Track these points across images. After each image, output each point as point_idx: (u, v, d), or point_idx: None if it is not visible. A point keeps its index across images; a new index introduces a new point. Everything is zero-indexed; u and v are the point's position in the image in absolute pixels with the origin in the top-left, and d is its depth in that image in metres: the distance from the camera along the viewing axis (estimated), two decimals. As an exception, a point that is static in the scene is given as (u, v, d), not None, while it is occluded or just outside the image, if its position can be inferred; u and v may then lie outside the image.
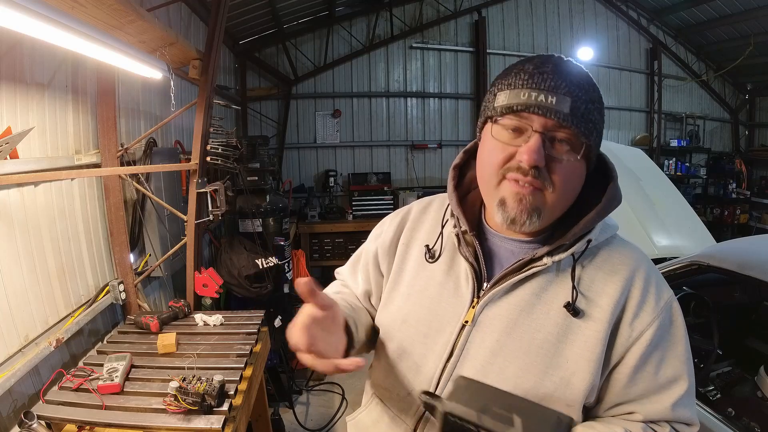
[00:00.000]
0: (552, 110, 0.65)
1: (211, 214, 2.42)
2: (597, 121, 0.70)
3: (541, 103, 0.65)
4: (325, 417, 2.97)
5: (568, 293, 0.72)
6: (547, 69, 0.68)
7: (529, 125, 0.67)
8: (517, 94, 0.67)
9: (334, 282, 1.05)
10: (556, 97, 0.65)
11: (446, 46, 5.83)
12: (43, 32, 1.15)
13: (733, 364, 2.01)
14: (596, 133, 0.70)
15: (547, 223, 0.73)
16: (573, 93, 0.66)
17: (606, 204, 0.73)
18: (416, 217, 0.91)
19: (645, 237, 2.61)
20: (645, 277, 0.74)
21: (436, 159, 5.92)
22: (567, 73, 0.68)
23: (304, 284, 0.63)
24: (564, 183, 0.69)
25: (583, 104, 0.67)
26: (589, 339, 0.70)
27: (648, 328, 0.71)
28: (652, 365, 0.72)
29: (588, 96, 0.68)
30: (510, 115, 0.68)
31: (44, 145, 1.62)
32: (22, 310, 1.45)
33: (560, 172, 0.68)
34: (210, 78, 2.16)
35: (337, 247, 5.05)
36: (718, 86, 6.97)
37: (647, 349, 0.71)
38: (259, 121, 5.37)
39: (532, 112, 0.66)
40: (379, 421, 0.86)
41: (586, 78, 0.70)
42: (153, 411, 1.32)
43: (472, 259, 0.78)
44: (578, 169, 0.70)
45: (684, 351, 0.74)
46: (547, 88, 0.66)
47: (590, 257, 0.75)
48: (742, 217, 6.66)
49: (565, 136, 0.67)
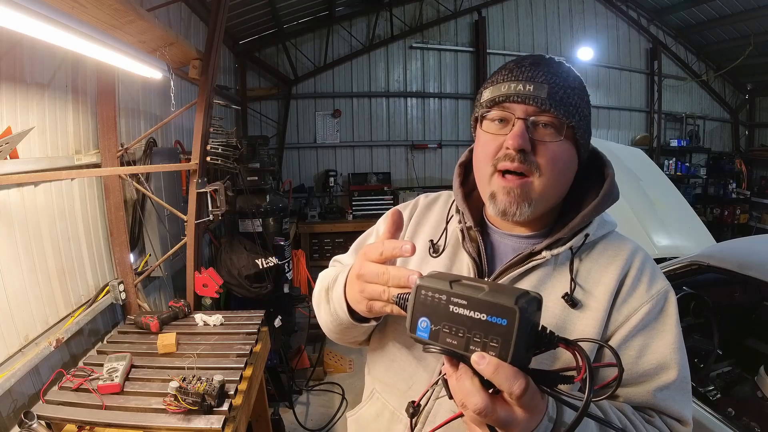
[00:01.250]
0: (530, 96, 0.70)
1: (211, 214, 2.42)
2: (579, 105, 0.72)
3: (519, 92, 0.70)
4: (325, 417, 2.97)
5: (567, 285, 0.74)
6: (526, 63, 0.73)
7: (512, 113, 0.71)
8: (499, 88, 0.73)
9: (330, 268, 1.05)
10: (533, 85, 0.70)
11: (446, 46, 5.83)
12: (43, 32, 1.15)
13: (733, 364, 2.01)
14: (579, 116, 0.72)
15: (541, 211, 0.75)
16: (550, 80, 0.70)
17: (603, 199, 0.75)
18: (422, 212, 0.93)
19: (645, 237, 2.61)
20: (639, 266, 0.76)
21: (436, 159, 5.92)
22: (545, 65, 0.73)
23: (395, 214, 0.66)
24: (551, 166, 0.71)
25: (560, 89, 0.70)
26: (586, 328, 0.72)
27: (635, 313, 0.73)
28: (634, 348, 0.72)
29: (566, 82, 0.72)
30: (495, 107, 0.73)
31: (44, 145, 1.62)
32: (22, 310, 1.45)
33: (545, 154, 0.71)
34: (210, 78, 2.16)
35: (337, 247, 5.05)
36: (718, 86, 6.97)
37: (632, 331, 0.72)
38: (259, 121, 5.37)
39: (512, 101, 0.71)
40: (379, 415, 0.86)
41: (565, 69, 0.74)
42: (153, 411, 1.32)
43: (475, 254, 0.80)
44: (565, 152, 0.72)
45: (674, 341, 0.73)
46: (525, 78, 0.71)
47: (588, 251, 0.77)
48: (742, 217, 6.66)
49: (547, 120, 0.70)
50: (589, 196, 0.77)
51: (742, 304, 2.23)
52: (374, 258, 0.63)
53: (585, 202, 0.76)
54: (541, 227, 0.79)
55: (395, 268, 0.61)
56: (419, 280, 0.56)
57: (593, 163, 0.81)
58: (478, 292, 0.51)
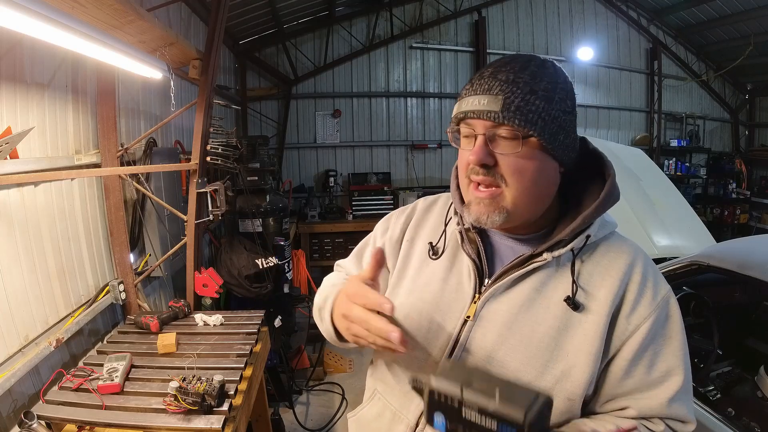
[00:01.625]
0: (484, 112, 0.69)
1: (211, 214, 2.42)
2: (542, 109, 0.69)
3: (475, 108, 0.70)
4: (325, 417, 2.97)
5: (568, 287, 0.74)
6: (486, 73, 0.72)
7: (473, 130, 0.72)
8: (461, 104, 0.73)
9: (334, 273, 1.07)
10: (488, 98, 0.69)
11: (446, 46, 5.83)
12: (43, 32, 1.15)
13: (733, 364, 2.01)
14: (544, 120, 0.69)
15: (522, 218, 0.75)
16: (506, 89, 0.69)
17: (603, 200, 0.75)
18: (421, 215, 0.94)
19: (645, 237, 2.61)
20: (642, 271, 0.76)
21: (436, 159, 5.92)
22: (505, 71, 0.70)
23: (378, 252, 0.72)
24: (516, 177, 0.70)
25: (518, 98, 0.68)
26: (588, 332, 0.72)
27: (644, 322, 0.73)
28: (646, 359, 0.73)
29: (527, 88, 0.69)
30: (461, 123, 0.74)
31: (44, 145, 1.62)
32: (22, 310, 1.45)
33: (509, 167, 0.70)
34: (210, 78, 2.16)
35: (337, 247, 5.05)
36: (718, 86, 6.97)
37: (643, 342, 0.73)
38: (259, 121, 5.37)
39: (471, 117, 0.71)
40: (380, 416, 0.87)
41: (531, 70, 0.70)
42: (153, 411, 1.32)
43: (474, 256, 0.81)
44: (531, 162, 0.70)
45: (680, 346, 0.75)
46: (482, 91, 0.70)
47: (589, 252, 0.77)
48: (742, 217, 6.66)
49: (505, 133, 0.69)
50: (590, 197, 0.76)
51: (742, 304, 2.23)
52: (359, 303, 0.68)
53: (585, 202, 0.76)
54: (538, 229, 0.79)
55: (377, 320, 0.66)
56: (433, 381, 0.59)
57: (593, 163, 0.80)
58: (490, 399, 0.52)
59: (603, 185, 0.76)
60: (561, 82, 0.72)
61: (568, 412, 0.73)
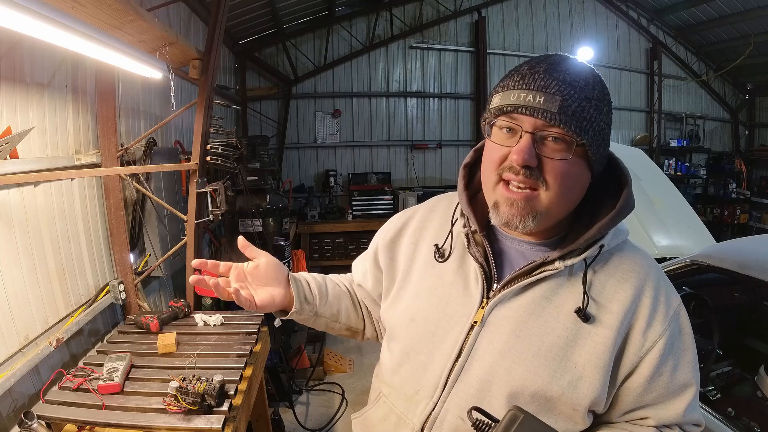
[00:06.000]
0: (539, 110, 0.65)
1: (211, 214, 2.42)
2: (594, 119, 0.67)
3: (529, 104, 0.65)
4: (325, 417, 2.97)
5: (579, 298, 0.72)
6: (540, 69, 0.67)
7: (520, 125, 0.67)
8: (508, 96, 0.68)
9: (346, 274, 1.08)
10: (544, 97, 0.65)
11: (446, 46, 5.83)
12: (43, 32, 1.15)
13: (733, 364, 2.01)
14: (593, 131, 0.67)
15: (547, 224, 0.73)
16: (563, 91, 0.65)
17: (620, 210, 0.72)
18: (425, 216, 0.91)
19: (645, 237, 2.61)
20: (655, 285, 0.74)
21: (436, 159, 5.92)
22: (561, 71, 0.67)
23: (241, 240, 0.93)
24: (558, 182, 0.67)
25: (574, 102, 0.65)
26: (598, 345, 0.71)
27: (660, 338, 0.72)
28: (666, 374, 0.73)
29: (583, 94, 0.66)
30: (502, 116, 0.69)
31: (44, 145, 1.62)
32: (22, 310, 1.45)
33: (553, 171, 0.67)
34: (210, 78, 2.16)
35: (337, 247, 5.05)
36: (718, 86, 6.97)
37: (661, 358, 0.72)
38: (259, 121, 5.37)
39: (521, 112, 0.66)
40: (385, 419, 0.86)
41: (584, 75, 0.68)
42: (153, 411, 1.32)
43: (482, 260, 0.78)
44: (574, 168, 0.69)
45: (693, 357, 0.75)
46: (536, 87, 0.66)
47: (602, 263, 0.75)
48: (742, 217, 6.66)
49: (557, 135, 0.66)
50: (605, 205, 0.74)
51: (742, 304, 2.23)
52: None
53: (601, 211, 0.73)
54: (551, 235, 0.77)
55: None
56: None
57: (610, 170, 0.77)
58: None
59: (618, 193, 0.74)
60: (607, 94, 0.71)
61: (570, 420, 0.73)
